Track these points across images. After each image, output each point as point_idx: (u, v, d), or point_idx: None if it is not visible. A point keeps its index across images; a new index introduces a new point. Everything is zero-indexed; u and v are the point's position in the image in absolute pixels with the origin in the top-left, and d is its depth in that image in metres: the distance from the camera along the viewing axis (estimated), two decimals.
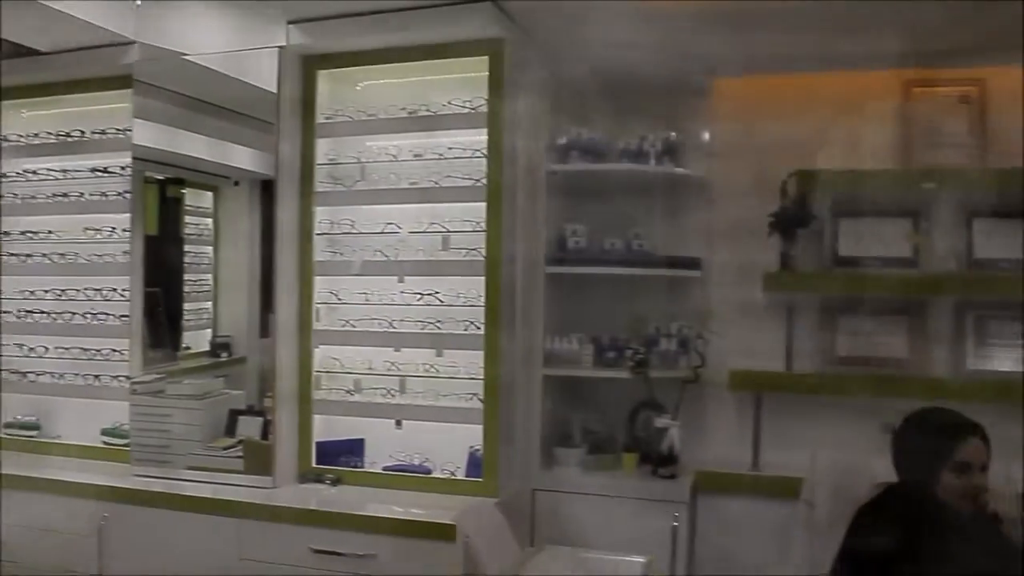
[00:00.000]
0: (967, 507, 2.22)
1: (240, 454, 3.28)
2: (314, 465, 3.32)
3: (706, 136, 3.66)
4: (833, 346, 3.50)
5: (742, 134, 3.60)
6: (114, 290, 3.58)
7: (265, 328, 3.34)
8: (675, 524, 3.21)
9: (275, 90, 3.21)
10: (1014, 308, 3.35)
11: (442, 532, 2.77)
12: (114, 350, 3.59)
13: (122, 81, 3.43)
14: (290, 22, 3.18)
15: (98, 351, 3.63)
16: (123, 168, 3.54)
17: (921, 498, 2.27)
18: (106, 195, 3.61)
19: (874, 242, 3.46)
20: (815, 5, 2.88)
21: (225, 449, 3.33)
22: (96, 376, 3.62)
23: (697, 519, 3.44)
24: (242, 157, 3.49)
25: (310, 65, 3.31)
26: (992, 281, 3.32)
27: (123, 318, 3.53)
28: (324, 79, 3.34)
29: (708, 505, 3.44)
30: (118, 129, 3.56)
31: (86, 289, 3.64)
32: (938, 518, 2.24)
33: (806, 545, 2.77)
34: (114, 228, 3.59)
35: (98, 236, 3.62)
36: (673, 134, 3.52)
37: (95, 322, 3.62)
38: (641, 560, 2.67)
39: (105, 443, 3.60)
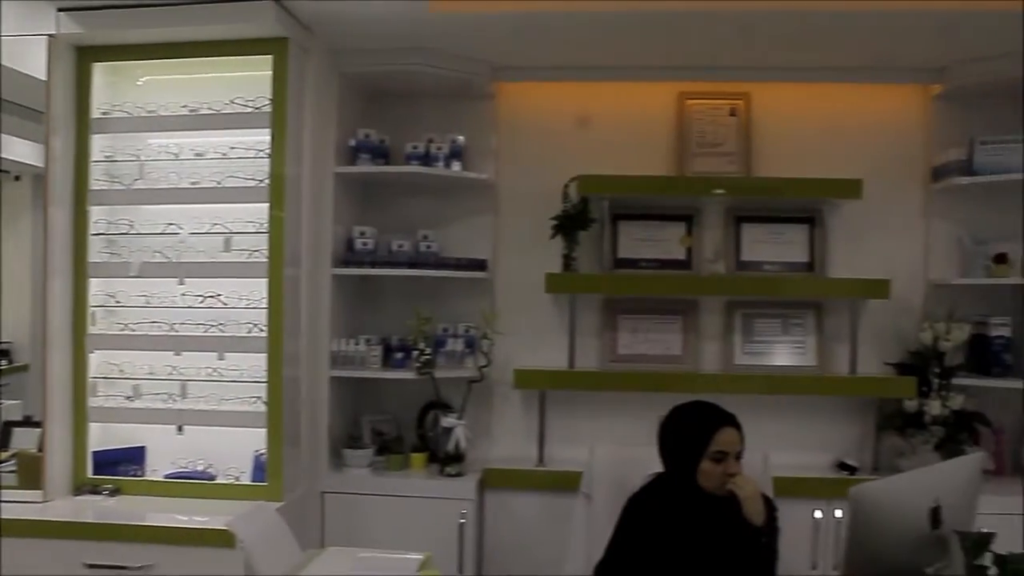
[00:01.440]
0: (723, 492, 2.37)
1: (14, 468, 3.09)
2: (91, 476, 3.18)
3: (493, 140, 3.75)
4: (613, 344, 3.67)
5: (527, 138, 3.74)
6: None
7: None
8: (462, 521, 3.28)
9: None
10: (777, 307, 3.64)
11: (219, 538, 2.72)
12: None
13: None
14: (60, 9, 3.03)
15: None
16: None
17: (682, 485, 2.43)
18: None
19: (650, 245, 3.67)
20: (597, 16, 3.00)
21: None
22: None
23: (485, 515, 3.53)
24: (22, 150, 3.29)
25: (85, 56, 3.17)
26: (757, 282, 3.57)
27: None
28: (101, 72, 3.21)
29: (495, 501, 3.53)
30: None
31: None
32: (697, 503, 2.40)
33: (584, 535, 2.88)
34: None
35: None
36: (460, 137, 3.58)
37: None
38: (418, 557, 2.70)
39: None
